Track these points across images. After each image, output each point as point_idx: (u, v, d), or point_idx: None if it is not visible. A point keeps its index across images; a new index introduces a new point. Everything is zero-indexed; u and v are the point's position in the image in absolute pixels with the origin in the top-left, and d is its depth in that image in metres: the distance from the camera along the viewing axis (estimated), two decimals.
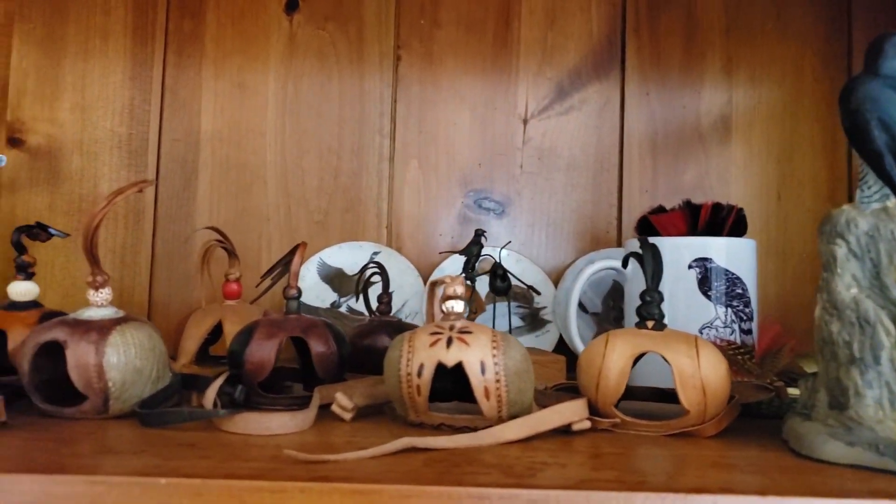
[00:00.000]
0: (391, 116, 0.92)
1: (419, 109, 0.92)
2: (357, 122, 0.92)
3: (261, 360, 0.50)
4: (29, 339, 0.45)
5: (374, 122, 0.92)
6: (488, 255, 0.79)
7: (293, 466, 0.35)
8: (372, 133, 0.92)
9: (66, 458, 0.35)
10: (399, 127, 0.92)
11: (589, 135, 0.92)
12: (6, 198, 0.91)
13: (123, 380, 0.45)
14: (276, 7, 0.93)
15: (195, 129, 0.92)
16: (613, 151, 0.92)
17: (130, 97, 0.92)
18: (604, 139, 0.92)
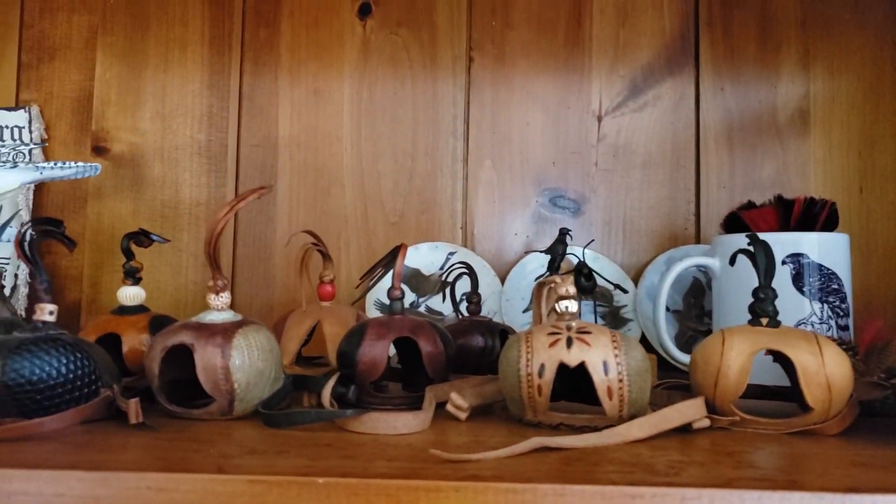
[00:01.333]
0: (464, 118, 0.93)
1: (492, 110, 0.92)
2: (431, 125, 0.93)
3: (373, 360, 0.51)
4: (157, 343, 0.47)
5: (447, 124, 0.93)
6: (572, 253, 0.79)
7: (439, 465, 0.35)
8: (446, 135, 0.93)
9: (215, 458, 0.36)
10: (472, 128, 0.92)
11: (664, 131, 0.91)
12: (92, 205, 0.94)
13: (247, 381, 0.46)
14: (350, 13, 0.94)
15: (273, 135, 0.94)
16: (689, 147, 0.91)
17: (209, 105, 0.94)
18: (679, 135, 0.91)
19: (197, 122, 0.94)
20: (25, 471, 0.33)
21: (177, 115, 0.94)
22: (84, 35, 0.96)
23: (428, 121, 0.93)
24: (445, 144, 0.92)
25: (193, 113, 0.94)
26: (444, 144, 0.92)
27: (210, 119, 0.94)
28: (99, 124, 0.95)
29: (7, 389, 0.42)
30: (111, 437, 0.41)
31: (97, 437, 0.41)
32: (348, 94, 0.94)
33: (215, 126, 0.94)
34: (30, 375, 0.42)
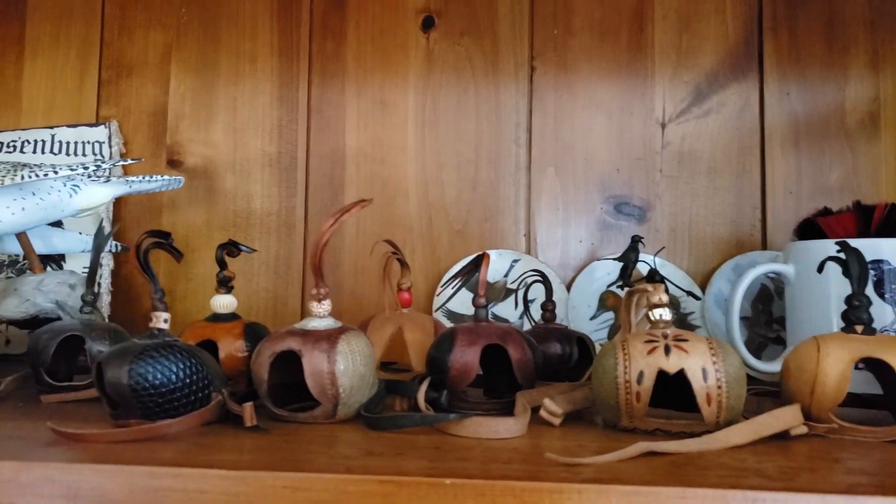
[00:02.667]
0: (527, 126, 0.94)
1: (555, 118, 0.93)
2: (493, 134, 0.94)
3: (464, 366, 0.52)
4: (264, 349, 0.49)
5: (510, 132, 0.94)
6: (643, 261, 0.80)
7: (555, 468, 0.37)
8: (508, 143, 0.94)
9: (338, 459, 0.38)
10: (535, 136, 0.94)
11: (729, 137, 0.91)
12: (167, 215, 0.97)
13: (351, 386, 0.48)
14: (414, 25, 0.96)
15: (340, 146, 0.96)
16: (754, 153, 0.91)
17: (279, 117, 0.97)
18: (744, 141, 0.91)
19: (267, 134, 0.97)
20: (172, 468, 0.35)
21: (248, 128, 0.97)
22: (159, 51, 1.00)
23: (491, 129, 0.94)
24: (508, 152, 0.94)
25: (264, 125, 0.97)
26: (507, 152, 0.94)
27: (280, 131, 0.97)
28: (173, 138, 0.98)
29: (133, 392, 0.44)
30: (230, 439, 0.43)
31: (217, 438, 0.44)
32: (413, 105, 0.96)
33: (285, 138, 0.97)
34: (152, 380, 0.45)
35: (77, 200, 0.73)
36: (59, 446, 0.40)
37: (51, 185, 0.71)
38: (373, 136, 0.96)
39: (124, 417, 0.45)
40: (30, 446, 0.40)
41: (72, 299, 0.73)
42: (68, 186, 0.72)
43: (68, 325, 0.61)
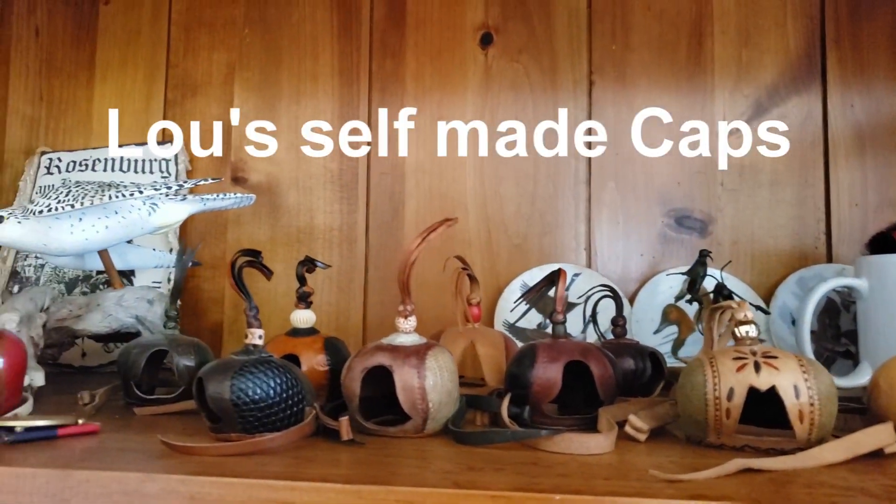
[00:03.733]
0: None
1: (614, 132, 0.94)
2: (552, 148, 0.95)
3: (547, 382, 0.53)
4: (355, 364, 0.50)
5: (569, 147, 0.95)
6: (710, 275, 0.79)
7: (658, 485, 0.37)
8: (567, 158, 0.95)
9: (444, 475, 0.39)
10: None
11: (791, 150, 0.91)
12: (232, 231, 1.00)
13: (440, 401, 0.49)
14: (472, 42, 0.98)
15: (400, 162, 0.98)
16: (818, 165, 0.90)
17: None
18: (806, 153, 0.91)
19: (329, 151, 0.99)
20: (289, 482, 0.37)
21: (309, 145, 0.99)
22: (223, 71, 1.03)
23: (549, 144, 0.95)
24: (567, 167, 0.95)
25: (325, 143, 0.99)
26: (566, 167, 0.95)
27: (341, 148, 0.99)
28: (237, 155, 1.01)
29: (234, 407, 0.46)
30: (327, 452, 0.45)
31: (315, 451, 0.45)
32: (470, 121, 0.97)
33: (346, 155, 0.99)
34: (252, 395, 0.46)
35: (155, 218, 0.75)
36: (171, 459, 0.42)
37: (131, 203, 0.73)
38: (432, 151, 0.97)
39: (225, 431, 0.47)
40: (144, 458, 0.42)
41: (150, 314, 0.75)
42: (147, 205, 0.75)
43: (155, 340, 0.63)
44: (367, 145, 0.98)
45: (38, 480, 0.38)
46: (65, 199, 0.69)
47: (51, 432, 0.47)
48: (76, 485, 0.38)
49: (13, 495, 0.39)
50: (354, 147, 0.98)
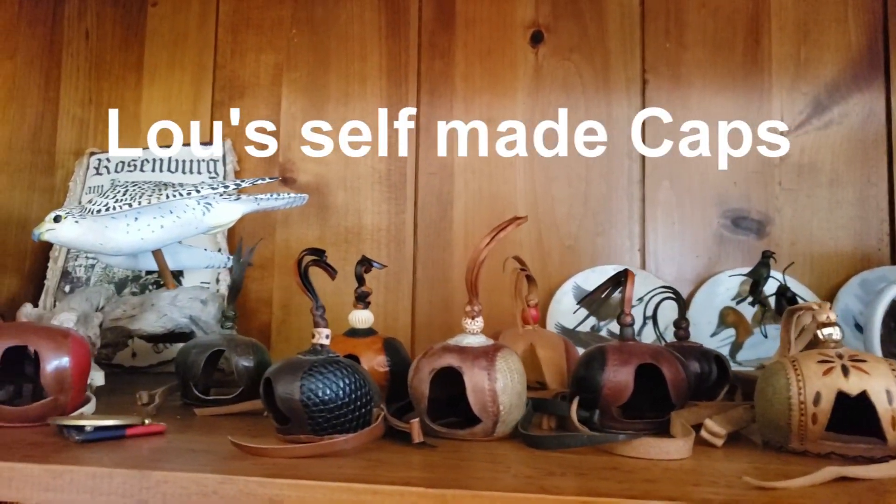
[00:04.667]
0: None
1: (668, 131, 0.92)
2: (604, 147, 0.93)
3: (618, 385, 0.52)
4: (423, 366, 0.49)
5: (622, 146, 0.93)
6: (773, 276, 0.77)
7: (752, 492, 0.36)
8: (620, 157, 0.93)
9: (526, 479, 0.38)
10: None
11: (853, 148, 0.88)
12: (281, 231, 1.00)
13: (510, 403, 0.48)
14: (522, 41, 0.96)
15: (449, 162, 0.97)
16: (881, 164, 0.87)
17: (388, 135, 0.99)
18: (869, 152, 0.88)
19: (377, 151, 0.98)
20: (370, 485, 0.36)
21: (358, 146, 0.99)
22: (270, 73, 1.03)
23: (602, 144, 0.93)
24: (620, 167, 0.93)
25: (373, 143, 0.99)
26: (619, 167, 0.93)
27: (389, 149, 0.98)
28: (285, 156, 1.01)
29: (304, 407, 0.45)
30: (397, 455, 0.44)
31: (385, 454, 0.44)
32: (521, 120, 0.96)
33: (394, 155, 0.98)
34: (322, 395, 0.45)
35: (209, 218, 0.75)
36: (244, 460, 0.41)
37: (186, 203, 0.73)
38: (481, 151, 0.96)
39: (295, 432, 0.46)
40: (217, 459, 0.41)
41: (204, 314, 0.75)
42: (202, 205, 0.75)
43: (214, 341, 0.63)
44: (415, 145, 0.97)
45: (115, 480, 0.38)
46: (122, 199, 0.69)
47: (119, 432, 0.47)
48: (153, 485, 0.38)
49: (89, 495, 0.38)
50: (402, 147, 0.98)
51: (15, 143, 0.92)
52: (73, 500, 0.38)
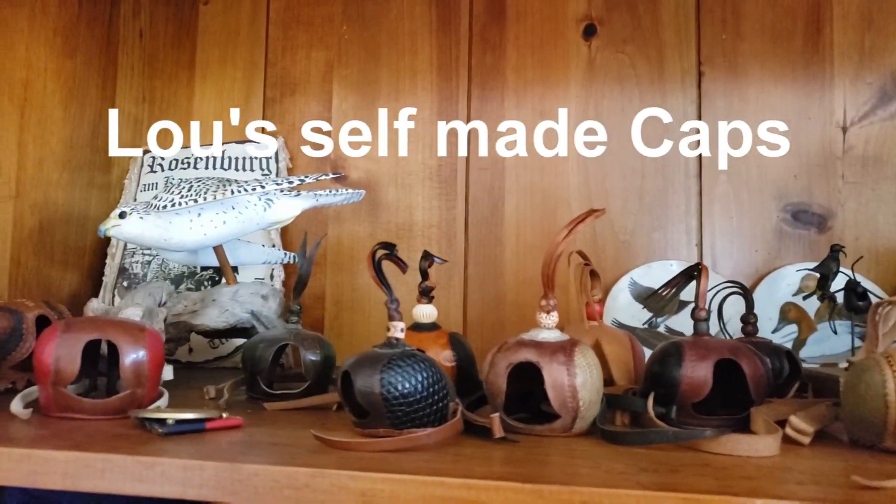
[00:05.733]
0: (696, 133, 0.91)
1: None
2: (660, 141, 0.92)
3: (697, 381, 0.50)
4: (500, 360, 0.49)
5: (677, 139, 0.91)
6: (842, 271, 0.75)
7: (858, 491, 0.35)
8: (676, 151, 0.91)
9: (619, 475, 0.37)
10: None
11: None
12: (333, 227, 1.00)
13: (590, 399, 0.47)
14: (575, 34, 0.95)
15: (500, 158, 0.96)
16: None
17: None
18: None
19: (427, 147, 0.98)
20: (463, 479, 0.36)
21: (408, 142, 0.99)
22: (321, 69, 1.03)
23: (657, 136, 0.92)
24: (677, 160, 0.91)
25: (424, 139, 0.99)
26: (676, 160, 0.91)
27: (439, 144, 0.98)
28: (336, 152, 1.01)
29: (384, 401, 0.45)
30: (477, 449, 0.43)
31: (464, 448, 0.44)
32: (574, 114, 0.95)
33: (445, 151, 0.98)
34: (402, 389, 0.45)
35: (270, 214, 0.76)
36: (328, 454, 0.41)
37: (248, 199, 0.74)
38: (533, 146, 0.95)
39: (374, 426, 0.46)
40: (302, 453, 0.41)
41: (265, 309, 0.76)
42: (263, 201, 0.75)
43: (281, 335, 0.63)
44: (466, 140, 0.97)
45: (206, 472, 0.38)
46: (188, 195, 0.70)
47: (199, 425, 0.47)
48: (245, 478, 0.38)
49: (181, 486, 0.38)
50: (453, 142, 0.97)
51: (76, 142, 0.93)
52: (166, 492, 0.38)
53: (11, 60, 0.81)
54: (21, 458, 0.40)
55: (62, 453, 0.40)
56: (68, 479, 0.40)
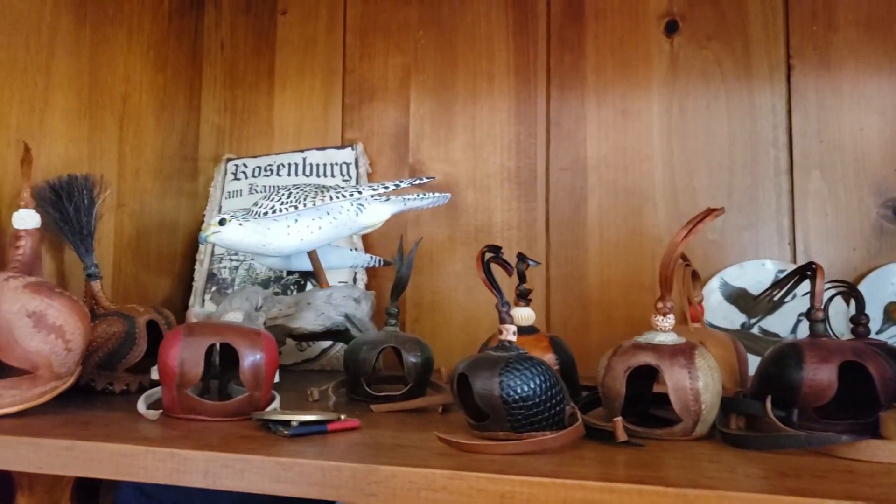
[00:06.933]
0: (786, 128, 0.89)
1: (818, 117, 0.88)
2: (748, 137, 0.90)
3: (820, 384, 0.49)
4: (617, 364, 0.48)
5: (766, 135, 0.89)
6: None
7: None
8: (766, 147, 0.89)
9: (759, 480, 0.37)
10: (796, 137, 0.88)
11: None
12: (412, 230, 1.01)
13: (711, 402, 0.47)
14: (656, 32, 0.94)
15: (581, 158, 0.95)
16: None
17: (517, 132, 0.98)
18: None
19: (506, 149, 0.98)
20: (604, 483, 0.35)
21: (486, 144, 0.99)
22: (398, 75, 1.04)
23: (745, 133, 0.90)
24: (766, 156, 0.89)
25: (502, 141, 0.98)
26: (765, 156, 0.89)
27: (518, 146, 0.98)
28: (415, 157, 1.02)
29: (504, 404, 0.45)
30: (600, 452, 0.43)
31: (588, 452, 0.43)
32: (657, 112, 0.93)
33: (524, 152, 0.98)
34: (521, 392, 0.45)
35: (362, 219, 0.77)
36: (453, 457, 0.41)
37: (341, 204, 0.75)
38: (615, 145, 0.94)
39: (493, 429, 0.46)
40: (430, 455, 0.42)
41: (358, 312, 0.77)
42: (355, 206, 0.76)
43: (384, 338, 0.63)
44: (546, 141, 0.96)
45: (344, 474, 0.39)
46: (287, 201, 0.71)
47: (321, 427, 0.48)
48: (382, 479, 0.38)
49: (319, 487, 0.39)
50: (532, 144, 0.97)
51: (166, 151, 0.96)
52: (303, 492, 0.39)
53: (112, 75, 0.84)
54: (165, 457, 0.41)
55: (202, 453, 0.41)
56: (209, 478, 0.41)
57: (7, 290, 0.54)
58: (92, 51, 0.81)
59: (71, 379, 0.57)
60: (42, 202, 0.70)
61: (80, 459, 0.44)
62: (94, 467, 0.44)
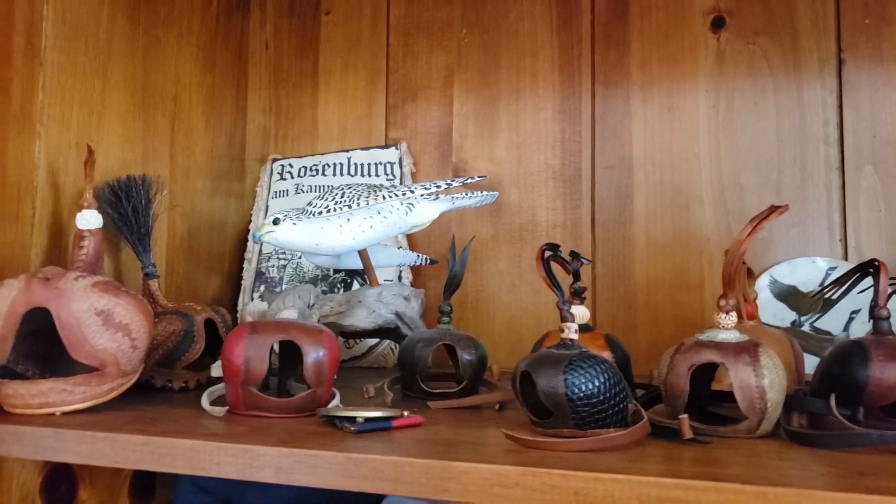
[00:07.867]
0: (837, 123, 0.87)
1: (870, 112, 0.86)
2: (797, 133, 0.89)
3: (888, 382, 0.48)
4: (680, 361, 0.48)
5: (816, 131, 0.88)
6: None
7: None
8: (815, 143, 0.88)
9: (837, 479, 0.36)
10: (847, 133, 0.87)
11: None
12: (456, 229, 1.01)
13: (777, 400, 0.46)
14: (702, 27, 0.93)
15: (627, 155, 0.95)
16: None
17: (561, 130, 0.98)
18: None
19: (550, 147, 0.98)
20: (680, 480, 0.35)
21: (530, 143, 0.99)
22: (441, 74, 1.04)
23: (794, 129, 0.89)
24: (816, 152, 0.88)
25: (546, 139, 0.98)
26: (815, 153, 0.88)
27: (563, 144, 0.98)
28: (459, 155, 1.02)
29: (569, 401, 0.45)
30: (665, 450, 0.43)
31: (654, 449, 0.43)
32: (704, 109, 0.92)
33: (568, 150, 0.97)
34: (586, 389, 0.45)
35: (411, 217, 0.77)
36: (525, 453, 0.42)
37: (392, 203, 0.76)
38: (661, 142, 0.94)
39: (557, 426, 0.46)
40: (497, 452, 0.42)
41: (408, 310, 0.77)
42: (405, 205, 0.77)
43: (438, 335, 0.64)
44: (591, 139, 0.96)
45: (416, 469, 0.39)
46: (341, 201, 0.72)
47: (386, 423, 0.49)
48: (455, 475, 0.39)
49: (392, 483, 0.40)
50: (577, 142, 0.97)
51: (215, 152, 0.98)
52: (376, 487, 0.40)
53: (164, 77, 0.86)
54: (238, 452, 0.42)
55: (275, 449, 0.42)
56: (281, 473, 0.42)
57: (76, 289, 0.56)
58: (145, 52, 0.83)
59: (135, 376, 0.59)
60: (101, 203, 0.72)
61: (155, 455, 0.45)
62: (168, 462, 0.45)
